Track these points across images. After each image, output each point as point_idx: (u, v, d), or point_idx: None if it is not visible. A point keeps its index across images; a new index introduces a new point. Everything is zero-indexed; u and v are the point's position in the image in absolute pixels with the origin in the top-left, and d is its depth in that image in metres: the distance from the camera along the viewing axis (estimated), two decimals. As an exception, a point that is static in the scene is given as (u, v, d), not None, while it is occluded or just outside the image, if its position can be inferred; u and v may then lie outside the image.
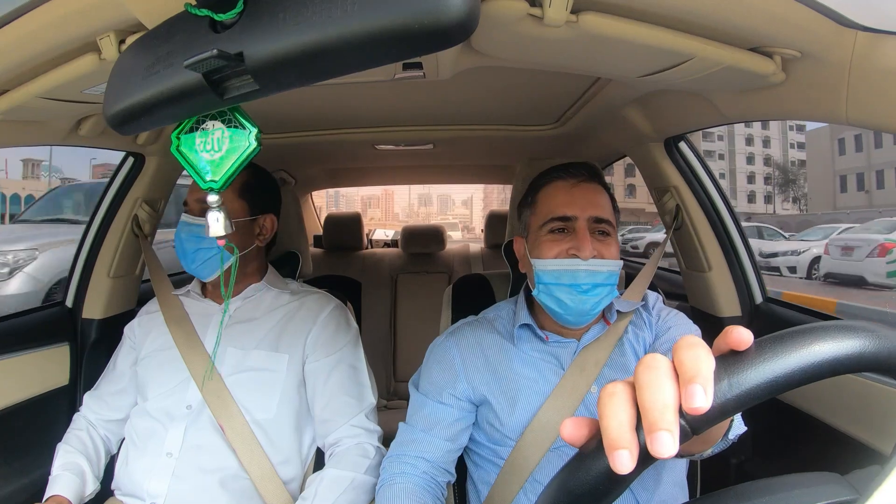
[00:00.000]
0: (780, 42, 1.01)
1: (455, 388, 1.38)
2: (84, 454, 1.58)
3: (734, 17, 0.94)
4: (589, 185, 1.38)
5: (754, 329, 1.67)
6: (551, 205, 1.36)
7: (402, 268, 3.80)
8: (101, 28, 0.96)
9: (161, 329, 1.63)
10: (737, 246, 1.95)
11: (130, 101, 0.82)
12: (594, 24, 0.93)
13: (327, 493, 1.39)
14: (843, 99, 1.01)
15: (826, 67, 1.02)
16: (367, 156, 2.87)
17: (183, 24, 0.77)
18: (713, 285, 1.96)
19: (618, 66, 1.20)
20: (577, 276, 1.29)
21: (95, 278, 2.05)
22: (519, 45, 1.05)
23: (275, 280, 1.72)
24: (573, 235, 1.31)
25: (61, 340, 1.99)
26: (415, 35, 0.63)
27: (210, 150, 0.92)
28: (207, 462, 1.46)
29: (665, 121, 1.73)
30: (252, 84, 0.74)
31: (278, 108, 1.88)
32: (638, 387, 0.48)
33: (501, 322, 1.49)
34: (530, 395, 1.34)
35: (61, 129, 1.49)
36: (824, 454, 1.47)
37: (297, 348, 1.58)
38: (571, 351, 1.38)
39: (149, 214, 2.04)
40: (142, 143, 1.83)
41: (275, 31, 0.68)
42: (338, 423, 1.53)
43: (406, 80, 1.33)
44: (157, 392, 1.55)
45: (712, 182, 1.95)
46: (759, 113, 1.33)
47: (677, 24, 0.97)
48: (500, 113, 2.09)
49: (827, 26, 0.93)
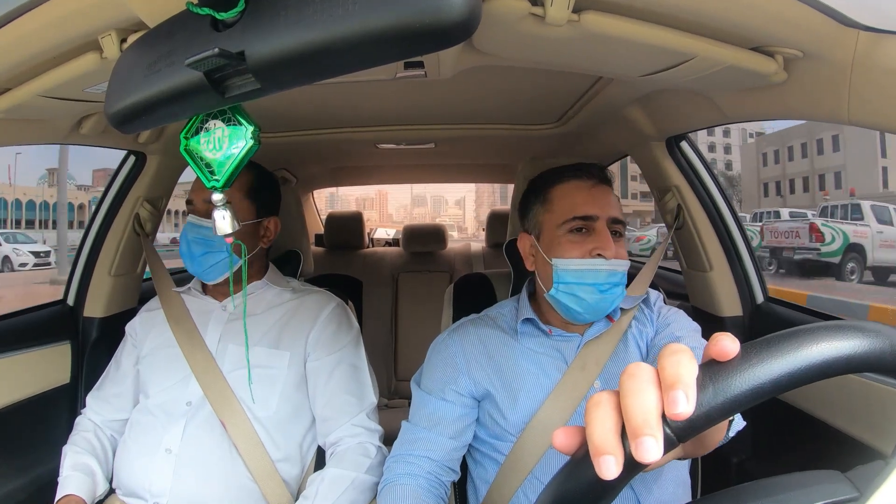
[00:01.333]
0: (782, 41, 1.01)
1: (457, 385, 1.38)
2: (93, 454, 1.57)
3: (736, 17, 0.94)
4: (604, 187, 1.39)
5: (755, 328, 1.66)
6: (571, 203, 1.36)
7: (404, 267, 3.80)
8: (102, 27, 0.96)
9: (162, 327, 1.63)
10: (738, 245, 1.95)
11: (132, 99, 0.82)
12: (596, 23, 0.93)
13: (328, 493, 1.39)
14: (845, 99, 1.01)
15: (828, 67, 1.01)
16: (369, 155, 2.87)
17: (184, 23, 0.77)
18: (714, 285, 1.95)
19: (619, 65, 1.19)
20: (598, 276, 1.30)
21: (97, 277, 2.05)
22: (520, 45, 1.05)
23: (276, 278, 1.72)
24: (594, 235, 1.33)
25: (62, 339, 1.98)
26: (416, 34, 0.63)
27: (212, 150, 0.92)
28: (208, 459, 1.46)
29: (667, 120, 1.73)
30: (253, 83, 0.74)
31: (280, 106, 1.88)
32: (622, 394, 0.49)
33: (504, 319, 1.49)
34: (532, 389, 1.34)
35: (63, 127, 1.49)
36: (824, 453, 1.47)
37: (299, 346, 1.57)
38: (575, 346, 1.39)
39: (150, 213, 2.04)
40: (143, 142, 1.83)
41: (276, 29, 0.68)
42: (339, 422, 1.53)
43: (407, 79, 1.33)
44: (157, 389, 1.55)
45: (714, 182, 1.95)
46: (761, 112, 1.32)
47: (679, 23, 0.96)
48: (501, 112, 2.09)
49: (829, 26, 0.93)
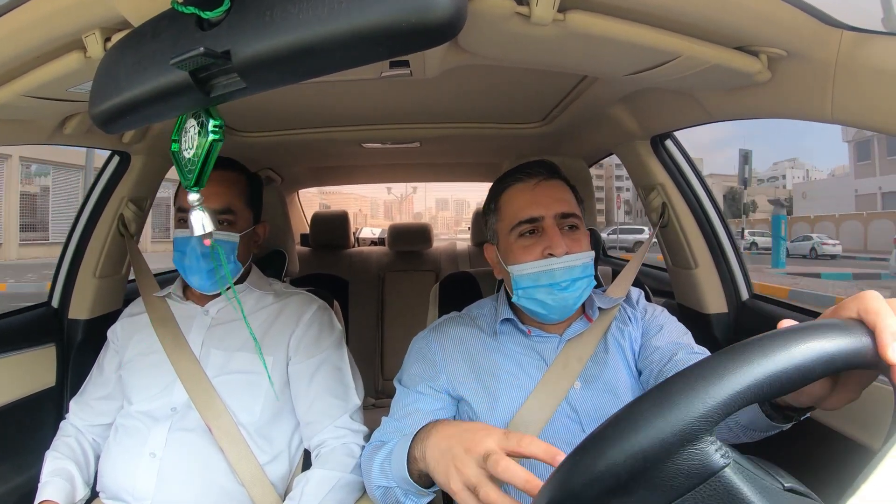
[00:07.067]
0: (766, 41, 1.02)
1: (435, 382, 1.38)
2: (73, 460, 1.56)
3: (720, 16, 0.95)
4: (549, 182, 1.39)
5: (741, 325, 1.67)
6: (515, 208, 1.37)
7: (390, 266, 3.80)
8: (86, 26, 0.95)
9: (145, 332, 1.62)
10: (723, 243, 1.97)
11: (116, 99, 0.82)
12: (581, 22, 0.94)
13: (314, 494, 1.39)
14: (829, 98, 1.02)
15: (812, 66, 1.03)
16: (354, 154, 2.86)
17: (169, 22, 0.77)
18: (700, 282, 1.97)
19: (605, 64, 1.20)
20: (554, 275, 1.30)
21: (81, 278, 2.03)
22: (506, 44, 1.06)
23: (258, 281, 1.72)
24: (544, 235, 1.33)
25: (47, 341, 1.97)
26: (402, 33, 0.63)
27: (188, 149, 0.91)
28: (194, 464, 1.45)
29: (651, 119, 1.74)
30: (239, 82, 0.74)
31: (264, 105, 1.87)
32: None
33: (484, 318, 1.49)
34: (511, 390, 1.33)
35: (46, 127, 1.48)
36: (813, 450, 1.48)
37: (281, 350, 1.57)
38: (554, 346, 1.39)
39: (134, 214, 2.02)
40: (127, 142, 1.81)
41: (262, 29, 0.68)
42: (322, 424, 1.53)
43: (393, 78, 1.33)
44: (142, 395, 1.54)
45: (699, 180, 1.97)
46: (745, 111, 1.34)
47: (664, 22, 0.97)
48: (486, 111, 2.09)
49: (812, 26, 0.94)
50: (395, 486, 1.12)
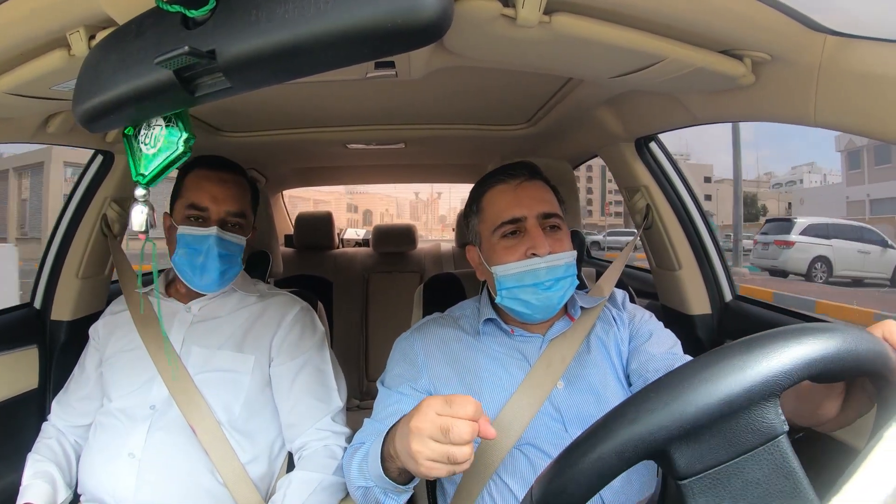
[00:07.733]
0: (751, 45, 1.03)
1: (416, 383, 1.37)
2: (54, 462, 1.54)
3: (705, 20, 0.96)
4: (531, 183, 1.39)
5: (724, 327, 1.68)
6: (498, 209, 1.38)
7: (374, 267, 3.80)
8: (70, 23, 0.95)
9: (126, 328, 1.61)
10: (706, 245, 1.98)
11: (100, 97, 0.82)
12: (567, 24, 0.94)
13: (296, 496, 1.38)
14: (812, 101, 1.03)
15: (796, 70, 1.04)
16: (339, 155, 2.85)
17: (154, 21, 0.77)
18: (683, 284, 1.98)
19: (590, 66, 1.21)
20: (538, 275, 1.30)
21: (64, 279, 2.00)
22: (491, 46, 1.06)
23: (241, 282, 1.71)
24: (526, 236, 1.33)
25: (29, 343, 1.94)
26: (388, 34, 0.63)
27: (147, 145, 0.91)
28: (174, 463, 1.44)
29: (636, 121, 1.75)
30: (224, 82, 0.74)
31: (249, 105, 1.86)
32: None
33: (466, 319, 1.49)
34: (494, 390, 1.33)
35: (29, 126, 1.47)
36: (798, 450, 1.49)
37: (263, 350, 1.57)
38: (537, 346, 1.39)
39: (118, 214, 2.00)
40: (111, 141, 1.79)
41: (248, 28, 0.68)
42: (304, 426, 1.52)
43: (378, 78, 1.33)
44: (120, 392, 1.53)
45: (682, 182, 1.98)
46: (730, 114, 1.35)
47: (649, 25, 0.98)
48: (471, 112, 2.09)
49: (796, 30, 0.95)
50: (373, 486, 1.12)
